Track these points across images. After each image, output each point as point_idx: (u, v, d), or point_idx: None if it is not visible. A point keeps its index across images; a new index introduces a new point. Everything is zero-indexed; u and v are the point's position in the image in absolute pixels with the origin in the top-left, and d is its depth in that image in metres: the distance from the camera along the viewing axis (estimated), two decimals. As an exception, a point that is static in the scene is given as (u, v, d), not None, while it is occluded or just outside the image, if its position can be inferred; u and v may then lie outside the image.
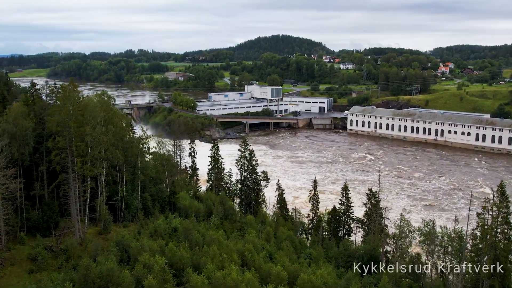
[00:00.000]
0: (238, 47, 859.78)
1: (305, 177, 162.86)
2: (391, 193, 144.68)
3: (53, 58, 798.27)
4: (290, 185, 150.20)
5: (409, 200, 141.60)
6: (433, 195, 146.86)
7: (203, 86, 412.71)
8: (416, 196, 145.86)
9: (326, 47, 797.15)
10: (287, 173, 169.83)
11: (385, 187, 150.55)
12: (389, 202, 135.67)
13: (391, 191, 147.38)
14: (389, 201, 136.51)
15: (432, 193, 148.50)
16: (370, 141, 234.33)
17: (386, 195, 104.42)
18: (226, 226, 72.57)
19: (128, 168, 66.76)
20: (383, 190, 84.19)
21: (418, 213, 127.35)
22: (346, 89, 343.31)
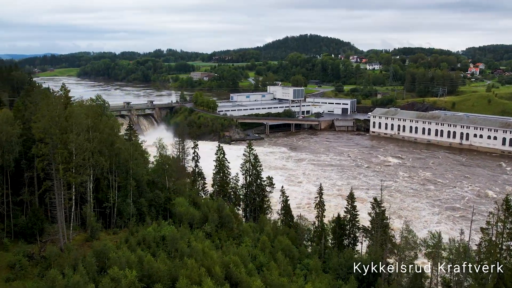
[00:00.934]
0: (265, 47, 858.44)
1: (328, 182, 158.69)
2: (414, 201, 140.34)
3: (84, 57, 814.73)
4: (313, 191, 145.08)
5: (434, 208, 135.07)
6: (459, 202, 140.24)
7: (227, 86, 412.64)
8: (441, 204, 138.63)
9: (355, 46, 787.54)
10: (309, 178, 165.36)
11: (406, 194, 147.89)
12: (413, 210, 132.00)
13: (404, 195, 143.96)
14: (412, 209, 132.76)
15: (457, 201, 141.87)
16: (393, 144, 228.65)
17: (389, 205, 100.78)
18: (221, 234, 70.85)
19: (121, 174, 65.83)
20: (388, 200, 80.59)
21: (445, 223, 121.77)
22: (371, 90, 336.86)
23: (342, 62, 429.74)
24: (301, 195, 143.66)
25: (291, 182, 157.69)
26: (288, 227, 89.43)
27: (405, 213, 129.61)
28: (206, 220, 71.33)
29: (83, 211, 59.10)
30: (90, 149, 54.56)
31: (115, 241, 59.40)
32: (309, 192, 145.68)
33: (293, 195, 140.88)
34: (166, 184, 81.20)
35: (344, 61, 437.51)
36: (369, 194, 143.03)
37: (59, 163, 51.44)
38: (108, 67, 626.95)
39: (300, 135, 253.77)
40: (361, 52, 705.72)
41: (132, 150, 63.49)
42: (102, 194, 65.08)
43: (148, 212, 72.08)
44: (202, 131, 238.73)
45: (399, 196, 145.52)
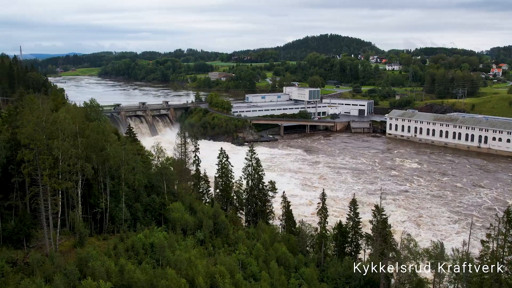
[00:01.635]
0: (286, 47, 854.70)
1: (344, 186, 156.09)
2: (431, 206, 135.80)
3: (105, 57, 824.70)
4: (330, 196, 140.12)
5: (452, 215, 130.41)
6: (477, 209, 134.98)
7: (244, 87, 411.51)
8: (460, 211, 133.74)
9: (376, 46, 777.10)
10: (326, 183, 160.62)
11: (423, 199, 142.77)
12: (430, 218, 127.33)
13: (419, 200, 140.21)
14: (431, 217, 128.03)
15: (477, 207, 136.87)
16: (409, 147, 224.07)
17: (389, 213, 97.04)
18: (215, 241, 69.48)
19: (114, 179, 65.03)
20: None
21: (463, 231, 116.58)
22: (390, 91, 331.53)
23: (361, 63, 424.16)
24: (317, 201, 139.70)
25: (306, 186, 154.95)
26: (290, 234, 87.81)
27: (422, 220, 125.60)
28: (201, 226, 70.11)
29: (70, 216, 58.44)
30: (76, 155, 53.83)
31: (104, 248, 58.62)
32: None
33: (308, 200, 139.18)
34: (165, 189, 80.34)
35: (363, 62, 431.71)
36: (387, 201, 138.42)
37: (43, 169, 50.81)
38: (128, 67, 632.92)
39: (315, 136, 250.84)
40: (382, 52, 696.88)
41: (124, 155, 62.52)
42: (94, 199, 64.43)
43: (143, 217, 71.23)
44: (216, 132, 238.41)
45: (416, 201, 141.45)
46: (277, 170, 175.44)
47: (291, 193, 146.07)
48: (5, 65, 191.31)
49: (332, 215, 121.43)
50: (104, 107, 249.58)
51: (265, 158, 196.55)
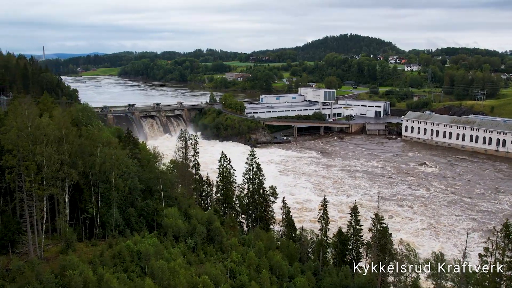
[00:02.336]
0: (305, 47, 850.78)
1: (360, 191, 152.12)
2: (448, 213, 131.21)
3: (125, 57, 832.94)
4: (344, 201, 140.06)
5: (470, 222, 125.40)
6: (496, 217, 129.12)
7: (260, 87, 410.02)
8: (477, 218, 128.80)
9: (396, 46, 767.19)
10: (340, 187, 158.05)
11: (440, 206, 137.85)
12: (450, 226, 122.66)
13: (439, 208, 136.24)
14: (449, 225, 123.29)
15: (496, 215, 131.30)
16: (425, 149, 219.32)
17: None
18: (208, 248, 68.06)
19: (105, 184, 64.24)
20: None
21: (482, 240, 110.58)
22: (407, 93, 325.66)
23: (379, 63, 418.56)
24: (331, 208, 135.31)
25: (320, 191, 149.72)
26: (290, 240, 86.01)
27: (441, 228, 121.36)
28: (194, 233, 68.84)
29: (56, 222, 57.83)
30: (59, 161, 53.06)
31: (90, 254, 57.78)
32: (339, 203, 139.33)
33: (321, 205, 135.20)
34: (162, 194, 79.34)
35: (381, 62, 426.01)
36: (403, 208, 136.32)
37: (26, 175, 50.20)
38: (147, 66, 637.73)
39: (329, 138, 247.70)
40: (402, 52, 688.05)
41: (114, 160, 61.60)
42: (85, 204, 63.74)
43: (136, 223, 70.29)
44: (229, 133, 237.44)
45: (432, 208, 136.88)
46: (291, 174, 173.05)
47: (305, 198, 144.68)
48: (19, 66, 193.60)
49: (345, 224, 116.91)
50: (119, 107, 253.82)
51: (280, 161, 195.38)
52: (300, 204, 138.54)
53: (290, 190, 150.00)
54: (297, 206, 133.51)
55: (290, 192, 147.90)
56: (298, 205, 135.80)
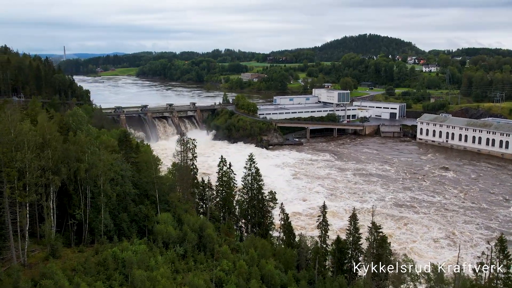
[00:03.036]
0: (323, 47, 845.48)
1: (375, 196, 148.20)
2: (465, 221, 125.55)
3: (144, 57, 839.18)
4: (358, 207, 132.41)
5: (489, 232, 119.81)
6: None
7: (275, 88, 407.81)
8: (496, 227, 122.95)
9: (416, 46, 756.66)
10: (354, 192, 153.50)
11: (456, 212, 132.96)
12: (466, 234, 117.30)
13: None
14: (466, 233, 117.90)
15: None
16: (440, 152, 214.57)
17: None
18: (199, 256, 66.73)
19: (95, 190, 63.62)
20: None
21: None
22: (424, 94, 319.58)
23: (396, 64, 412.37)
24: (345, 215, 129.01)
25: (334, 197, 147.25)
26: (287, 247, 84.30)
27: (458, 237, 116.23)
28: (183, 240, 67.69)
29: (41, 228, 57.30)
30: (41, 167, 52.44)
31: (75, 261, 57.08)
32: (352, 208, 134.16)
33: (333, 211, 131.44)
34: (157, 198, 78.51)
35: (398, 63, 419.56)
36: (420, 215, 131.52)
37: (6, 182, 49.67)
38: (164, 67, 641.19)
39: (342, 140, 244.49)
40: (422, 52, 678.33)
41: (101, 166, 60.83)
42: (74, 209, 63.15)
43: (128, 228, 69.54)
44: (240, 135, 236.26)
45: (448, 215, 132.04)
46: (304, 178, 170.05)
47: (319, 204, 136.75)
48: (33, 67, 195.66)
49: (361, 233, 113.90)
50: (131, 108, 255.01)
51: (293, 164, 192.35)
52: (314, 210, 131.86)
53: (304, 196, 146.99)
54: (311, 212, 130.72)
55: (303, 197, 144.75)
56: (313, 211, 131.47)
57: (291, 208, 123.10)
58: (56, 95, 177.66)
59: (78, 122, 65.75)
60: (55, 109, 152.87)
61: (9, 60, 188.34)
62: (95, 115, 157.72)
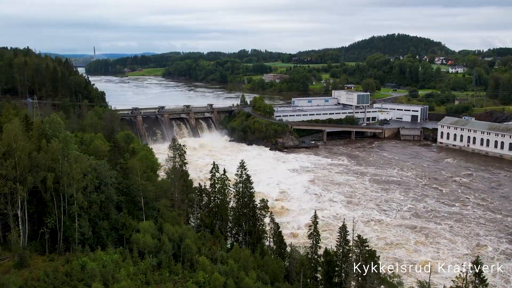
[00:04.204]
0: (350, 47, 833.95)
1: (393, 204, 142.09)
2: (485, 234, 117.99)
3: (171, 57, 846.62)
4: (376, 218, 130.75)
5: (508, 245, 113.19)
6: None
7: (297, 89, 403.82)
8: None
9: (446, 47, 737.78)
10: (370, 199, 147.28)
11: (476, 223, 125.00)
12: (490, 250, 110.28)
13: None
14: (490, 249, 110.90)
15: None
16: (461, 157, 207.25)
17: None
18: (175, 267, 65.01)
19: (70, 198, 62.84)
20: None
21: None
22: (449, 96, 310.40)
23: (422, 65, 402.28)
24: (363, 227, 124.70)
25: (352, 205, 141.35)
26: (277, 257, 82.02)
27: (482, 253, 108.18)
28: (159, 250, 66.17)
29: (7, 237, 56.81)
30: (2, 176, 51.80)
31: (43, 270, 56.25)
32: (370, 218, 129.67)
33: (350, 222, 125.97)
34: (142, 205, 77.42)
35: (423, 63, 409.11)
36: (442, 226, 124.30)
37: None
38: (189, 67, 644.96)
39: (360, 143, 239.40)
40: (452, 52, 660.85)
41: (74, 174, 59.95)
42: (48, 217, 62.57)
43: (106, 236, 68.57)
44: (255, 137, 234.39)
45: (470, 227, 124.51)
46: (321, 184, 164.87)
47: (335, 213, 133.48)
48: (49, 68, 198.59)
49: (379, 244, 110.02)
50: (148, 109, 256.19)
51: (309, 168, 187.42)
52: (330, 219, 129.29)
53: (320, 205, 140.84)
54: (330, 222, 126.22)
55: (320, 206, 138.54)
56: (332, 221, 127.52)
57: (306, 219, 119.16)
58: (68, 97, 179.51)
59: (55, 129, 65.16)
60: (65, 111, 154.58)
61: (26, 62, 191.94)
62: (105, 117, 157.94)
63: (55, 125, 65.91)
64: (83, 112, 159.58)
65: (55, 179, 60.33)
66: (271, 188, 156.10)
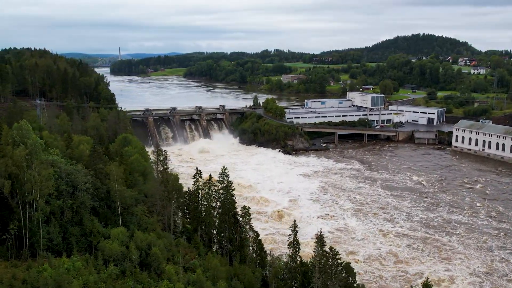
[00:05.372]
0: (374, 47, 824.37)
1: (401, 215, 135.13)
2: (496, 247, 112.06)
3: (194, 57, 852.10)
4: (385, 228, 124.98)
5: None
6: None
7: (314, 90, 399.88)
8: None
9: (472, 46, 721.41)
10: (381, 207, 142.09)
11: (489, 235, 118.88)
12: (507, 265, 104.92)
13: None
14: (506, 264, 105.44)
15: None
16: (475, 162, 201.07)
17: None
18: (141, 276, 64.18)
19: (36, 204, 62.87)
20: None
21: None
22: (469, 98, 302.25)
23: (443, 66, 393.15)
24: (373, 237, 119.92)
25: (362, 215, 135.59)
26: (256, 267, 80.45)
27: (496, 269, 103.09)
28: (129, 258, 65.43)
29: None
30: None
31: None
32: (378, 230, 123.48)
33: (360, 232, 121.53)
34: (119, 211, 77.02)
35: (444, 64, 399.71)
36: (451, 237, 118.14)
37: None
38: (210, 68, 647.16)
39: (372, 146, 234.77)
40: (478, 52, 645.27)
41: (36, 181, 59.82)
42: (14, 223, 62.66)
43: (76, 242, 68.29)
44: (265, 139, 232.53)
45: (482, 239, 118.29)
46: (332, 190, 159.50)
47: (344, 224, 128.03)
48: (60, 70, 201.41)
49: (387, 258, 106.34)
50: (160, 110, 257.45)
51: (319, 173, 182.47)
52: (339, 231, 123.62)
53: (330, 215, 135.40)
54: (341, 236, 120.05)
55: (331, 215, 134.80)
56: (340, 233, 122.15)
57: (312, 230, 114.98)
58: (72, 99, 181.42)
59: (23, 136, 65.26)
60: (68, 113, 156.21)
61: (37, 64, 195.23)
62: (109, 119, 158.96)
63: (24, 132, 65.93)
64: (87, 113, 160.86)
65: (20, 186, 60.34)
66: (280, 197, 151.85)
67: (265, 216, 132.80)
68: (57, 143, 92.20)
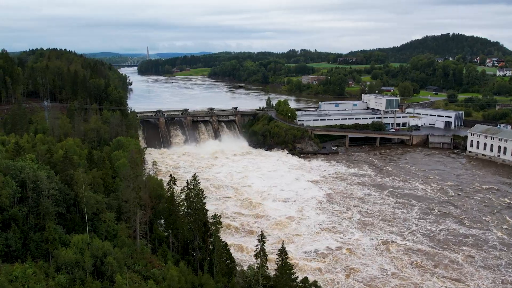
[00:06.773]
0: (402, 47, 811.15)
1: (410, 227, 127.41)
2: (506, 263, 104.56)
3: (220, 57, 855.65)
4: (391, 240, 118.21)
5: None
6: None
7: (333, 91, 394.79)
8: None
9: (504, 47, 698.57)
10: (388, 218, 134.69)
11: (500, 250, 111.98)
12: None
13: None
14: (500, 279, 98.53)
15: None
16: (489, 168, 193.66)
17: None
18: (93, 285, 63.98)
19: None
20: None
21: None
22: (491, 101, 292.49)
23: (466, 67, 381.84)
24: (383, 253, 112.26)
25: (367, 226, 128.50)
26: (221, 277, 79.29)
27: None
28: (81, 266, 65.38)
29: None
30: None
31: None
32: (383, 245, 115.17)
33: (362, 250, 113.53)
34: (86, 217, 77.35)
35: (468, 66, 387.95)
36: (459, 255, 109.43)
37: None
38: (233, 68, 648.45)
39: (384, 150, 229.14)
40: (510, 53, 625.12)
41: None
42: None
43: (36, 249, 68.78)
44: (274, 142, 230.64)
45: (493, 255, 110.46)
46: (339, 199, 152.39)
47: (348, 238, 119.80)
48: (70, 72, 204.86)
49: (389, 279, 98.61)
50: (172, 111, 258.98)
51: (328, 180, 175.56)
52: (344, 244, 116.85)
53: (335, 227, 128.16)
54: (343, 252, 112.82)
55: (336, 229, 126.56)
56: (343, 247, 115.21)
57: (314, 246, 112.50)
58: (75, 101, 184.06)
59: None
60: (70, 115, 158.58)
61: (47, 66, 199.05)
62: (111, 121, 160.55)
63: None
64: (90, 116, 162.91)
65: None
66: (284, 206, 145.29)
67: (266, 226, 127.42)
68: (44, 147, 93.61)
